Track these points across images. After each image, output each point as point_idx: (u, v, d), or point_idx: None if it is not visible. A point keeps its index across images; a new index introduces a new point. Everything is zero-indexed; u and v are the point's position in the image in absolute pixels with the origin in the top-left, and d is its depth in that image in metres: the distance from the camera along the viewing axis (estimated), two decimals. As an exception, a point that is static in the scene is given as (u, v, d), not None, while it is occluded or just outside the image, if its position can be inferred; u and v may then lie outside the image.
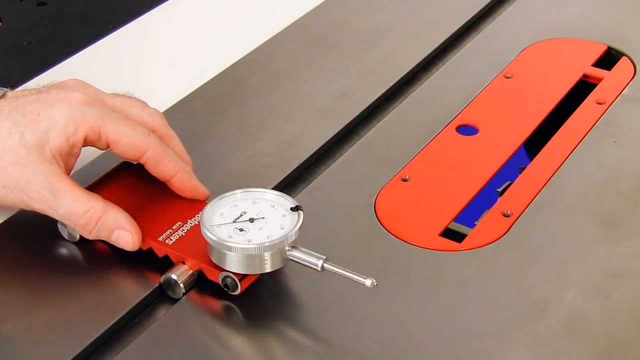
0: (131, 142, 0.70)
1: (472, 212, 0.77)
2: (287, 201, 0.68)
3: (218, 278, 0.67)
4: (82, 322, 0.66)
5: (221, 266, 0.66)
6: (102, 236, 0.69)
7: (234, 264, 0.66)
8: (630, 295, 0.68)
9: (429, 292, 0.69)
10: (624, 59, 0.93)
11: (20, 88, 0.76)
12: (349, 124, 0.85)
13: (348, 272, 0.65)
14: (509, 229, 0.73)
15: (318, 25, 0.99)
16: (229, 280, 0.66)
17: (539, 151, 0.82)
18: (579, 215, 0.75)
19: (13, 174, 0.68)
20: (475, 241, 0.73)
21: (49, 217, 0.70)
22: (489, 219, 0.75)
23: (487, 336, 0.65)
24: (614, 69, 0.92)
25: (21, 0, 1.16)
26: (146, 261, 0.69)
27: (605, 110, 0.86)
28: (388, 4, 1.02)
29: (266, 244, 0.65)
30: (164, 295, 0.68)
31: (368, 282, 0.64)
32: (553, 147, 0.82)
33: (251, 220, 0.67)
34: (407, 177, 0.79)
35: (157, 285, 0.68)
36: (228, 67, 0.92)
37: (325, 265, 0.65)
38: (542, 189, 0.77)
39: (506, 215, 0.75)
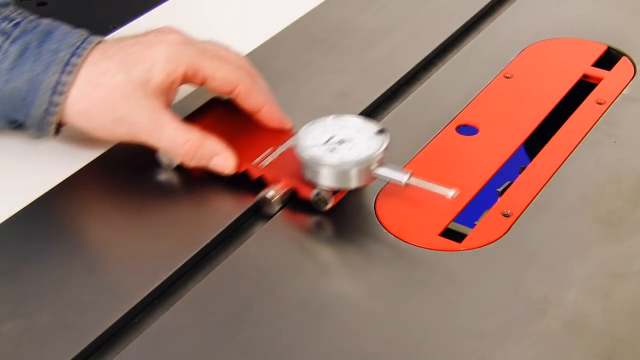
0: (225, 77, 0.78)
1: (472, 212, 0.77)
2: (372, 125, 0.76)
3: (310, 195, 0.74)
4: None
5: (314, 183, 0.73)
6: (202, 163, 0.77)
7: (326, 180, 0.73)
8: (630, 295, 0.68)
9: (429, 292, 0.69)
10: (624, 59, 0.93)
11: (112, 35, 0.84)
12: (349, 124, 0.85)
13: (432, 184, 0.73)
14: (509, 229, 0.73)
15: (318, 25, 0.99)
16: (320, 196, 0.74)
17: (539, 151, 0.82)
18: (579, 215, 0.75)
19: (122, 109, 0.75)
20: (475, 241, 0.73)
21: (147, 149, 0.77)
22: (489, 219, 0.75)
23: (487, 336, 0.65)
24: (614, 69, 0.92)
25: (21, 0, 1.16)
26: (240, 184, 0.76)
27: (605, 110, 0.86)
28: (388, 4, 1.02)
29: (355, 161, 0.73)
30: (257, 214, 0.75)
31: (451, 192, 0.72)
32: (553, 147, 0.82)
33: (340, 142, 0.75)
34: (407, 177, 0.79)
35: (252, 204, 0.75)
36: (228, 67, 0.92)
37: (409, 180, 0.73)
38: (542, 189, 0.77)
39: (506, 215, 0.75)
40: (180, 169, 0.78)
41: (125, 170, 0.79)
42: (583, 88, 0.90)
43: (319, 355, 0.65)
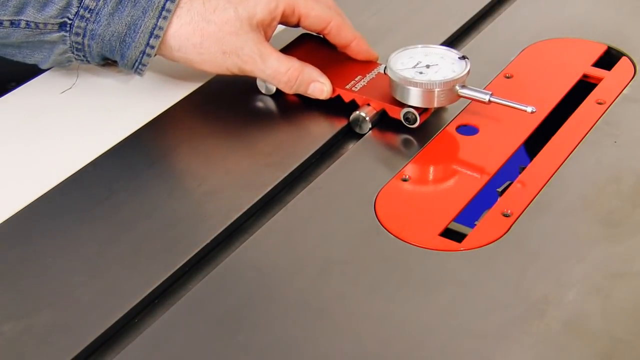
0: (319, 15, 0.86)
1: (472, 212, 0.77)
2: (455, 53, 0.84)
3: (400, 114, 0.82)
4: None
5: (404, 102, 0.82)
6: (301, 90, 0.85)
7: (415, 99, 0.81)
8: (630, 295, 0.68)
9: (429, 292, 0.69)
10: (624, 59, 0.93)
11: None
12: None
13: (512, 102, 0.81)
14: (509, 229, 0.73)
15: (318, 25, 0.99)
16: (410, 115, 0.82)
17: (539, 151, 0.82)
18: (579, 215, 0.75)
19: (230, 41, 0.83)
20: (475, 241, 0.73)
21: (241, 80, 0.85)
22: (489, 219, 0.75)
23: (487, 336, 0.65)
24: (614, 69, 0.92)
25: None
26: (333, 108, 0.85)
27: (605, 110, 0.86)
28: (388, 4, 1.02)
29: (442, 81, 0.81)
30: (351, 132, 0.84)
31: (529, 109, 0.80)
32: (553, 147, 0.82)
33: (427, 66, 0.83)
34: (407, 177, 0.79)
35: (345, 124, 0.84)
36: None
37: (491, 98, 0.81)
38: (542, 189, 0.77)
39: (506, 215, 0.75)
40: (278, 94, 0.87)
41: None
42: (583, 88, 0.90)
43: (319, 355, 0.65)
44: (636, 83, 0.90)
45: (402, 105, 0.82)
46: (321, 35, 0.90)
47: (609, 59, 0.94)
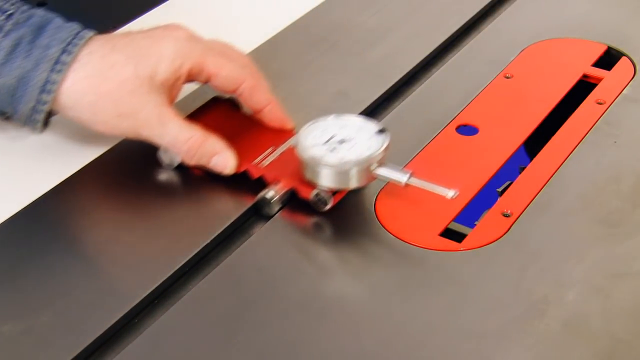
0: (230, 75, 0.78)
1: (472, 212, 0.77)
2: (373, 125, 0.75)
3: (310, 195, 0.74)
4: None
5: (315, 182, 0.73)
6: (203, 162, 0.77)
7: (326, 180, 0.73)
8: (630, 295, 0.68)
9: (429, 292, 0.69)
10: (624, 59, 0.93)
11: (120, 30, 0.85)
12: (349, 124, 0.85)
13: (432, 184, 0.72)
14: (509, 229, 0.73)
15: (318, 25, 0.99)
16: (320, 196, 0.74)
17: (539, 151, 0.82)
18: (579, 215, 0.75)
19: (128, 103, 0.75)
20: (475, 241, 0.73)
21: (148, 148, 0.77)
22: (489, 219, 0.75)
23: (487, 336, 0.65)
24: (614, 69, 0.92)
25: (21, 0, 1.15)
26: (240, 184, 0.76)
27: (605, 110, 0.86)
28: (388, 4, 1.02)
29: (355, 161, 0.73)
30: (258, 214, 0.75)
31: (450, 193, 0.71)
32: (553, 147, 0.82)
33: (341, 141, 0.74)
34: (407, 177, 0.78)
35: (251, 204, 0.75)
36: (228, 67, 0.92)
37: (408, 181, 0.73)
38: (542, 189, 0.77)
39: (506, 215, 0.75)
40: (180, 168, 0.78)
41: (126, 169, 0.79)
42: (583, 88, 0.90)
43: (319, 355, 0.65)
44: (636, 83, 0.90)
45: (314, 185, 0.74)
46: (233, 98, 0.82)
47: (609, 59, 0.94)
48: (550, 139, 0.83)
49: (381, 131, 0.75)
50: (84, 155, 0.80)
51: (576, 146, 0.82)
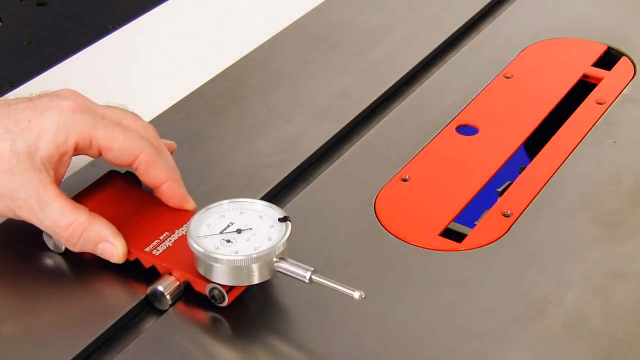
0: (123, 147, 0.69)
1: (472, 212, 0.77)
2: (275, 212, 0.67)
3: (205, 290, 0.66)
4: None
5: (208, 278, 0.65)
6: (87, 249, 0.69)
7: (220, 276, 0.65)
8: (630, 295, 0.68)
9: (429, 292, 0.69)
10: (624, 59, 0.93)
11: (13, 93, 0.75)
12: (349, 124, 0.85)
13: (336, 284, 0.64)
14: (509, 229, 0.73)
15: (318, 25, 0.99)
16: (216, 292, 0.66)
17: (539, 151, 0.82)
18: (579, 215, 0.75)
19: (2, 181, 0.67)
20: (475, 241, 0.73)
21: (35, 227, 0.69)
22: (489, 219, 0.75)
23: (487, 336, 0.65)
24: (614, 69, 0.92)
25: (21, 1, 1.16)
26: (134, 272, 0.69)
27: (605, 110, 0.86)
28: (388, 4, 1.02)
29: (253, 256, 0.64)
30: (151, 306, 0.67)
31: (356, 294, 0.63)
32: (553, 147, 0.82)
33: (238, 231, 0.66)
34: (407, 177, 0.79)
35: (143, 296, 0.67)
36: (228, 67, 0.92)
37: (313, 277, 0.65)
38: (542, 189, 0.77)
39: (506, 215, 0.75)
40: (69, 253, 0.71)
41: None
42: (583, 88, 0.90)
43: (319, 355, 0.65)
44: (636, 83, 0.90)
45: (209, 279, 0.66)
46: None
47: (609, 59, 0.94)
48: (550, 139, 0.83)
49: (284, 219, 0.67)
50: None
51: (576, 146, 0.82)
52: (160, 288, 0.66)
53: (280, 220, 0.67)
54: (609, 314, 0.67)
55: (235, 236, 0.66)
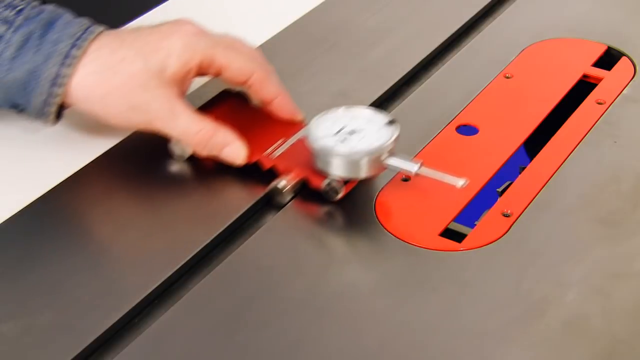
0: (240, 67, 0.79)
1: (472, 212, 0.77)
2: (383, 117, 0.77)
3: (321, 185, 0.75)
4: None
5: (325, 173, 0.74)
6: (214, 153, 0.77)
7: (337, 170, 0.74)
8: (630, 295, 0.68)
9: (429, 292, 0.69)
10: (624, 59, 0.93)
11: (131, 24, 0.87)
12: (349, 124, 0.85)
13: (441, 173, 0.74)
14: (509, 229, 0.73)
15: (318, 25, 0.99)
16: (332, 186, 0.74)
17: (539, 151, 0.82)
18: (579, 215, 0.75)
19: (138, 97, 0.76)
20: (475, 241, 0.73)
21: (161, 139, 0.78)
22: (489, 219, 0.75)
23: (487, 336, 0.65)
24: (614, 69, 0.92)
25: (21, 0, 1.15)
26: (251, 175, 0.77)
27: (605, 110, 0.86)
28: (388, 4, 1.02)
29: (366, 151, 0.74)
30: (269, 204, 0.76)
31: (460, 182, 0.73)
32: (553, 147, 0.82)
33: (351, 132, 0.75)
34: (407, 177, 0.79)
35: (263, 194, 0.76)
36: (228, 67, 0.92)
37: (419, 169, 0.74)
38: (542, 189, 0.77)
39: (506, 215, 0.75)
40: (192, 160, 0.79)
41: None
42: (583, 88, 0.90)
43: (319, 355, 0.65)
44: (636, 83, 0.90)
45: (325, 175, 0.75)
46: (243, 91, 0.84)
47: (609, 59, 0.94)
48: (550, 139, 0.83)
49: (391, 122, 0.76)
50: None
51: (576, 146, 0.82)
52: (280, 185, 0.75)
53: (387, 123, 0.76)
54: (609, 314, 0.67)
55: (349, 136, 0.75)
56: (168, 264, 0.70)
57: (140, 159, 0.81)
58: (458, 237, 0.73)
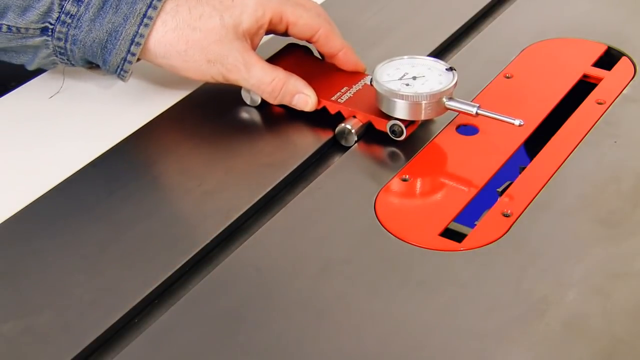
0: (307, 23, 0.85)
1: (472, 212, 0.77)
2: (442, 65, 0.83)
3: (386, 126, 0.81)
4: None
5: (390, 114, 0.80)
6: (285, 101, 0.84)
7: (401, 112, 0.80)
8: (630, 295, 0.68)
9: (429, 292, 0.69)
10: (624, 59, 0.93)
11: None
12: (349, 123, 0.85)
13: (500, 115, 0.79)
14: (509, 229, 0.73)
15: (318, 25, 0.99)
16: (396, 127, 0.81)
17: (539, 151, 0.82)
18: (579, 215, 0.75)
19: (215, 50, 0.82)
20: (475, 241, 0.73)
21: (232, 88, 0.85)
22: (489, 219, 0.75)
23: (487, 336, 0.65)
24: (614, 69, 0.92)
25: None
26: (318, 120, 0.84)
27: (605, 110, 0.86)
28: (388, 3, 1.02)
29: (430, 94, 0.79)
30: (336, 145, 0.83)
31: (517, 122, 0.78)
32: (553, 147, 0.82)
33: (414, 77, 0.81)
34: (407, 177, 0.79)
35: (331, 136, 0.82)
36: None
37: (479, 111, 0.79)
38: (542, 189, 0.77)
39: (506, 215, 0.75)
40: (263, 106, 0.86)
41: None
42: (583, 88, 0.90)
43: (318, 355, 0.65)
44: (636, 83, 0.90)
45: (389, 117, 0.80)
46: (308, 45, 0.89)
47: (609, 59, 0.94)
48: (550, 139, 0.83)
49: (450, 69, 0.82)
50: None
51: (576, 146, 0.82)
52: (348, 126, 0.81)
53: (447, 70, 0.82)
54: (609, 314, 0.67)
55: (412, 81, 0.81)
56: (168, 264, 0.70)
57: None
58: (458, 237, 0.73)
